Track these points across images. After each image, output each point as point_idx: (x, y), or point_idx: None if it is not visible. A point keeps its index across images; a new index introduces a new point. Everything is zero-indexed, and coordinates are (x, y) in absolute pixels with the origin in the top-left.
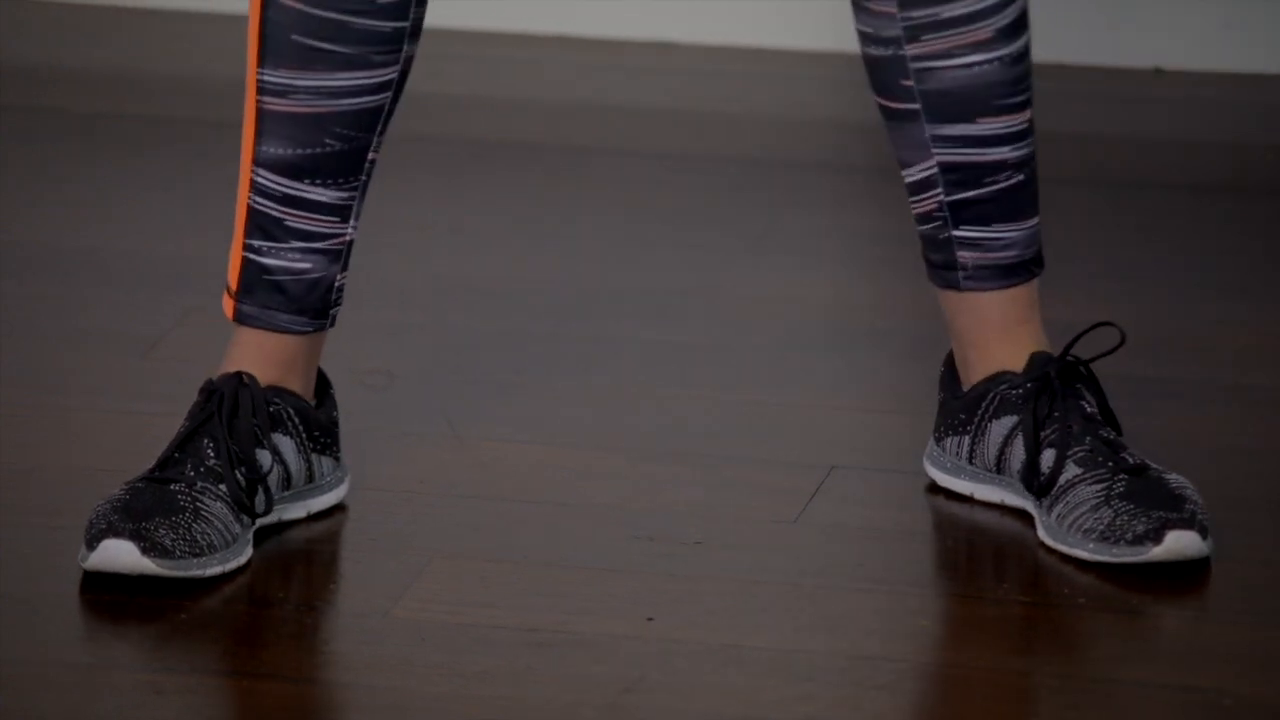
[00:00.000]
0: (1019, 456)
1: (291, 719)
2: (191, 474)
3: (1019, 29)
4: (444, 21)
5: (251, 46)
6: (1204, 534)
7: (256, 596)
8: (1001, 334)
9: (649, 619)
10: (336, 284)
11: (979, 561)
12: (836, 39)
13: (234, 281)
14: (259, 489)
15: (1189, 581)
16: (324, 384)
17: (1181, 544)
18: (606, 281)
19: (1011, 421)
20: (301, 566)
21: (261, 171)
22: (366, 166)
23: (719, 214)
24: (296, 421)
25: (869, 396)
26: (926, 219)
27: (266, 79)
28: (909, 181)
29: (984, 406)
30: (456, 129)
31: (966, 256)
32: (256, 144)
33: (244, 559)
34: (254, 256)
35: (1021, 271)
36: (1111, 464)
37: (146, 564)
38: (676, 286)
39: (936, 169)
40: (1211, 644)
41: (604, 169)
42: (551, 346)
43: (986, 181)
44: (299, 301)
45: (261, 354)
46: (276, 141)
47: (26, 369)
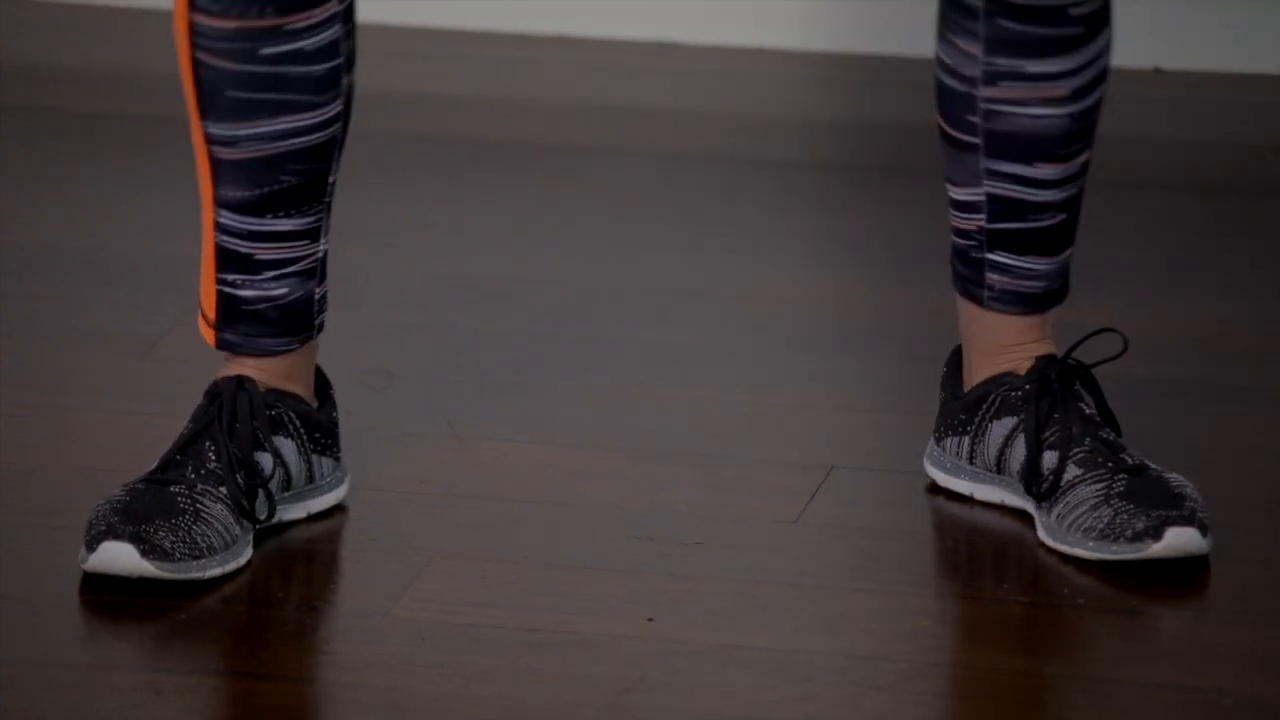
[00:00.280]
0: (1019, 457)
1: (291, 719)
2: (192, 476)
3: (1095, 85)
4: (444, 21)
5: (190, 100)
6: (1204, 531)
7: (256, 596)
8: (1014, 349)
9: (649, 619)
10: (317, 296)
11: (979, 561)
12: (837, 39)
13: (211, 312)
14: (259, 494)
15: (1189, 581)
16: (324, 384)
17: (1181, 540)
18: (606, 281)
19: (1012, 423)
20: (301, 566)
21: (224, 212)
22: (328, 188)
23: (719, 214)
24: (298, 424)
25: (869, 396)
26: (963, 235)
27: (211, 131)
28: (954, 198)
29: (984, 408)
30: (456, 129)
31: (995, 279)
32: (215, 188)
33: (244, 560)
34: (229, 290)
35: (1046, 301)
36: (1111, 464)
37: (146, 567)
38: (676, 286)
39: (984, 198)
40: (1211, 644)
41: (604, 169)
42: (551, 346)
43: (1030, 218)
44: (281, 324)
45: (258, 364)
46: (234, 185)
47: (26, 369)
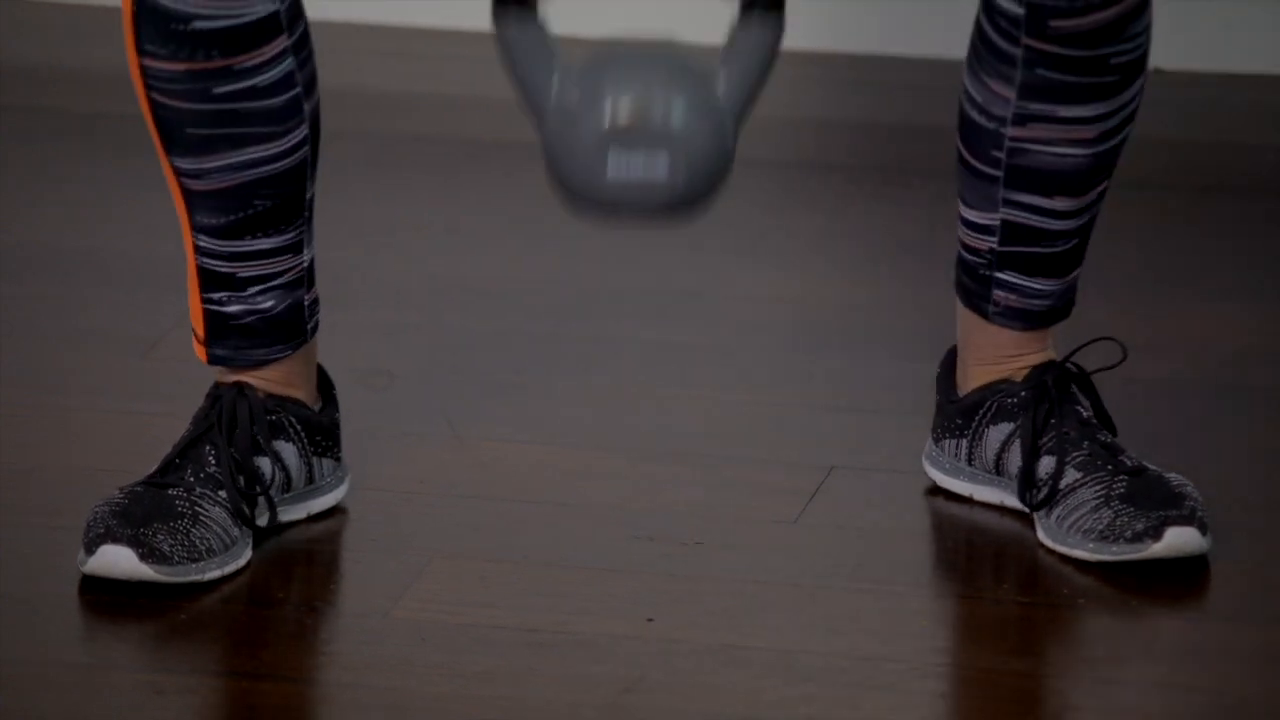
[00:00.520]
0: (1016, 462)
1: (291, 719)
2: (191, 479)
3: (1123, 127)
4: (444, 21)
5: (153, 135)
6: (1204, 530)
7: (256, 597)
8: (1014, 358)
9: (649, 619)
10: (306, 303)
11: (979, 561)
12: (836, 39)
13: (200, 329)
14: (259, 499)
15: (1189, 581)
16: (327, 384)
17: (1181, 540)
18: (606, 281)
19: (1009, 428)
20: (301, 567)
21: (202, 236)
22: (306, 204)
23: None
24: (299, 428)
25: (869, 396)
26: (972, 252)
27: (178, 165)
28: (966, 218)
29: (981, 413)
30: (454, 129)
31: (1001, 296)
32: (189, 215)
33: (243, 562)
34: (216, 308)
35: (1050, 319)
36: (1110, 467)
37: (145, 570)
38: (676, 286)
39: (998, 223)
40: (1211, 644)
41: None
42: (551, 346)
43: (1044, 244)
44: (271, 334)
45: (255, 373)
46: (207, 213)
47: (26, 369)
